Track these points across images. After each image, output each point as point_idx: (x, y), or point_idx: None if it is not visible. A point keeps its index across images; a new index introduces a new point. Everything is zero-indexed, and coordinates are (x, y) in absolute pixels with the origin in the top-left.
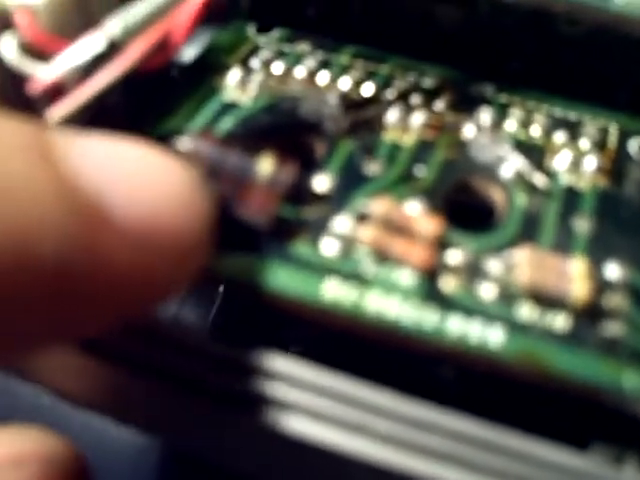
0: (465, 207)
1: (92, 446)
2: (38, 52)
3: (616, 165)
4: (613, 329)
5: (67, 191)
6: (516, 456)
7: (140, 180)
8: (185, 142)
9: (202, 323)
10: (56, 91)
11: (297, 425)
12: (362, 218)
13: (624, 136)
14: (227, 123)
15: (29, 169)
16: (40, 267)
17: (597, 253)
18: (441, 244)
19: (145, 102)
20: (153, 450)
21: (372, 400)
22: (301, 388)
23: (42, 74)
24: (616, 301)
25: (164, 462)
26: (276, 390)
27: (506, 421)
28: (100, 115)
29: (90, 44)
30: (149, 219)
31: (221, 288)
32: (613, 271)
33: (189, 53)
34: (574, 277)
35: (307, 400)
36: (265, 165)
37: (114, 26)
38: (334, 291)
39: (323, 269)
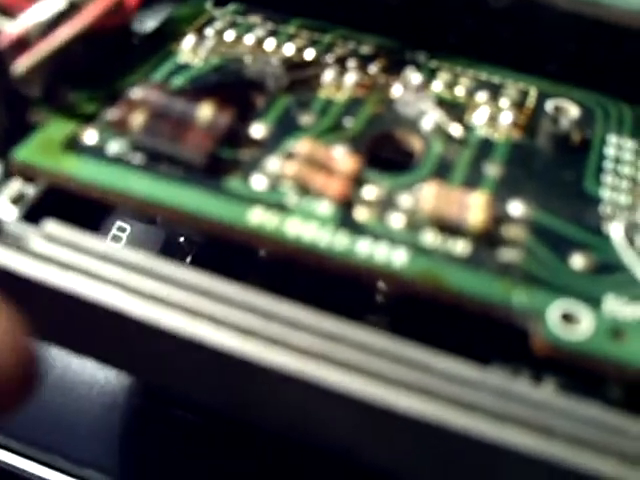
0: (386, 154)
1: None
2: (6, 10)
3: (531, 121)
4: (509, 255)
5: None
6: (422, 368)
7: None
8: (137, 91)
9: None
10: (21, 44)
11: (225, 341)
12: (289, 157)
13: (543, 98)
14: (179, 80)
15: None
16: None
17: (503, 192)
18: (358, 180)
19: (106, 61)
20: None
21: (291, 315)
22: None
23: (9, 29)
24: (516, 232)
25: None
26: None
27: (413, 337)
28: (65, 68)
29: (52, 3)
30: None
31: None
32: (516, 208)
33: (151, 24)
34: (473, 207)
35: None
36: (205, 110)
37: None
38: (259, 218)
39: (251, 200)
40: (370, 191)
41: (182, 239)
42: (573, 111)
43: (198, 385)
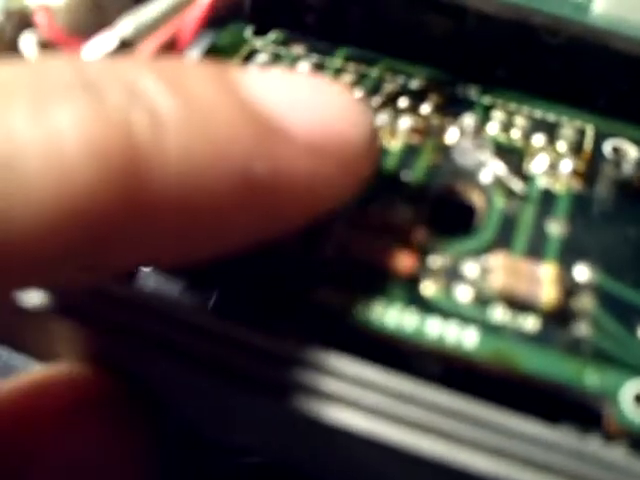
0: (448, 211)
1: None
2: (55, 49)
3: (591, 167)
4: (579, 330)
5: (250, 113)
6: (492, 428)
7: (313, 102)
8: None
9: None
10: None
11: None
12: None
13: (599, 138)
14: None
15: (217, 97)
16: (233, 178)
17: (568, 256)
18: (424, 250)
19: None
20: None
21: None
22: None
23: None
24: (583, 303)
25: None
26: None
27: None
28: None
29: (103, 43)
30: (323, 132)
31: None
32: (582, 273)
33: (192, 54)
34: (544, 281)
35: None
36: None
37: (126, 26)
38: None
39: None
40: (435, 260)
41: None
42: (632, 152)
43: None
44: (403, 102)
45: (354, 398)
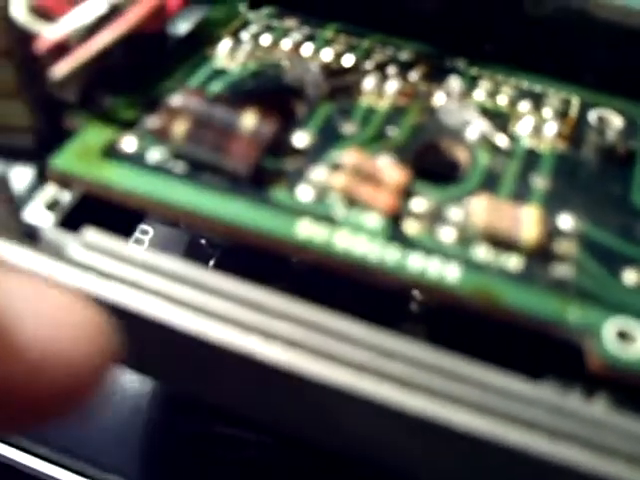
0: (432, 165)
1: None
2: (45, 13)
3: (575, 132)
4: (561, 271)
5: None
6: (474, 383)
7: (50, 318)
8: (177, 98)
9: None
10: (61, 49)
11: (270, 352)
12: (335, 168)
13: (585, 107)
14: (216, 86)
15: None
16: None
17: (552, 205)
18: (407, 192)
19: (144, 65)
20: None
21: (340, 329)
22: (277, 317)
23: (48, 33)
24: (566, 247)
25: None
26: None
27: (464, 351)
28: (103, 74)
29: (93, 7)
30: (50, 352)
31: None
32: (566, 221)
33: (185, 27)
34: (526, 221)
35: (281, 328)
36: (248, 119)
37: None
38: (307, 230)
39: (298, 212)
40: (419, 204)
41: (204, 242)
42: (617, 122)
43: (242, 398)
44: (392, 70)
45: (340, 354)
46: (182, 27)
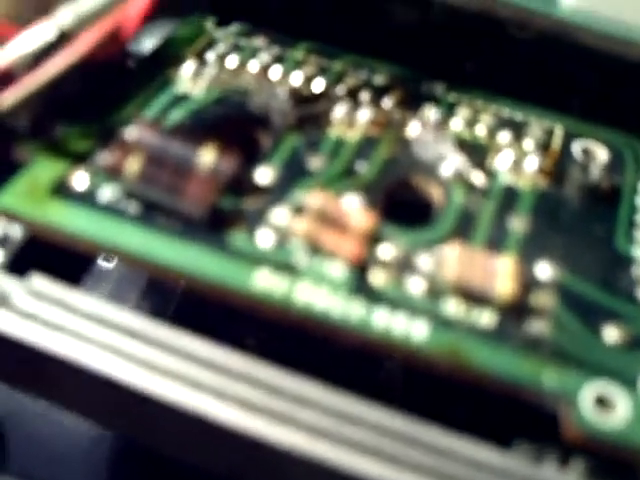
0: (403, 204)
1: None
2: None
3: (558, 167)
4: (537, 327)
5: None
6: (438, 452)
7: None
8: (132, 131)
9: None
10: (6, 77)
11: (227, 415)
12: (299, 210)
13: (569, 138)
14: (177, 114)
15: None
16: None
17: (530, 252)
18: (374, 238)
19: (101, 91)
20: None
21: (298, 391)
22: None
23: None
24: (543, 300)
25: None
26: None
27: (430, 415)
28: (55, 102)
29: (41, 32)
30: None
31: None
32: (544, 270)
33: (147, 44)
34: (501, 274)
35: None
36: (207, 155)
37: (65, 16)
38: (265, 281)
39: (256, 259)
40: (386, 250)
41: None
42: (602, 155)
43: (193, 453)
44: (365, 96)
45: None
46: (147, 43)
